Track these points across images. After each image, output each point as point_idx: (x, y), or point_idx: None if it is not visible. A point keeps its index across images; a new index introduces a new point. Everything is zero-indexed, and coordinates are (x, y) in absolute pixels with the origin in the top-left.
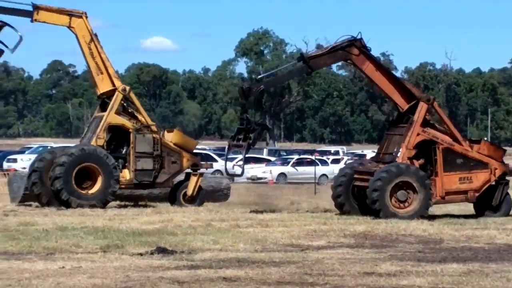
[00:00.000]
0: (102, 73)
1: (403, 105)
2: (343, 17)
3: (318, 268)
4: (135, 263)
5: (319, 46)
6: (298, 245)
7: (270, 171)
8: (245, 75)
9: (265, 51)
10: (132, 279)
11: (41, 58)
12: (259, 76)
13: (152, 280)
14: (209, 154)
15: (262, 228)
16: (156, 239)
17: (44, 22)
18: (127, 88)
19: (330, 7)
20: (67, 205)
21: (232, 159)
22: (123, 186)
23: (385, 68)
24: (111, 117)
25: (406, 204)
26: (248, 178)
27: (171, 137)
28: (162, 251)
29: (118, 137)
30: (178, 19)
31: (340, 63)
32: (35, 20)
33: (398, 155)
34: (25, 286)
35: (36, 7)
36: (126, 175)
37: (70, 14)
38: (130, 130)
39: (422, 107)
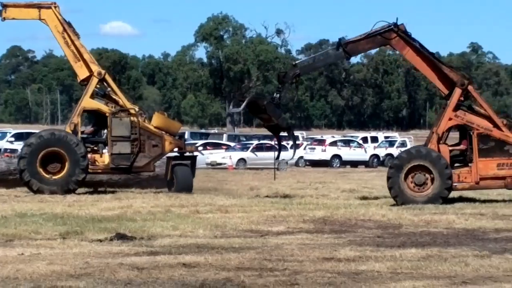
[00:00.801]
0: (79, 60)
1: (444, 90)
2: (302, 1)
3: (277, 254)
4: (95, 249)
5: (278, 31)
6: (257, 230)
7: (230, 156)
8: (205, 60)
9: (225, 36)
10: (91, 265)
11: (0, 43)
12: (296, 62)
13: (112, 266)
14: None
15: (221, 214)
16: (116, 225)
17: (13, 19)
18: (102, 71)
19: None
20: (28, 186)
21: (192, 145)
22: (100, 171)
23: (425, 53)
24: (86, 101)
25: (424, 188)
26: (207, 164)
27: (152, 120)
28: (121, 237)
29: (100, 121)
30: (137, 4)
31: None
32: (4, 18)
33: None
34: None
35: (4, 5)
36: (105, 159)
37: (39, 6)
38: (107, 114)
39: (455, 92)
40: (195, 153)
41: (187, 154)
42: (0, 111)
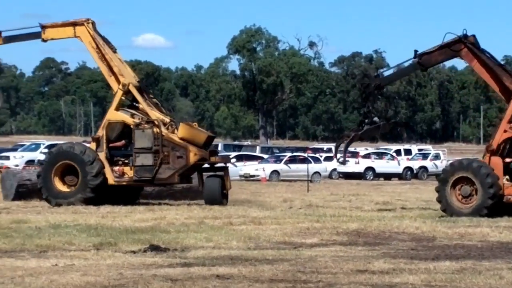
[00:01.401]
0: (112, 73)
1: (506, 102)
2: (335, 14)
3: (311, 266)
4: (128, 260)
5: (311, 44)
6: (291, 242)
7: (263, 168)
8: (238, 72)
9: (258, 48)
10: (125, 276)
11: (33, 55)
12: (377, 73)
13: (145, 277)
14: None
15: (255, 225)
16: (149, 237)
17: (52, 39)
18: (126, 83)
19: (322, 4)
20: (48, 202)
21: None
22: (124, 183)
23: (490, 65)
24: (110, 114)
25: (470, 199)
26: (241, 176)
27: (178, 131)
28: (155, 248)
29: (129, 134)
30: (170, 16)
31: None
32: (44, 39)
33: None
34: (18, 283)
35: (42, 27)
36: (128, 172)
37: (74, 24)
38: (132, 126)
39: (511, 104)
40: (228, 165)
41: (218, 165)
42: (34, 123)
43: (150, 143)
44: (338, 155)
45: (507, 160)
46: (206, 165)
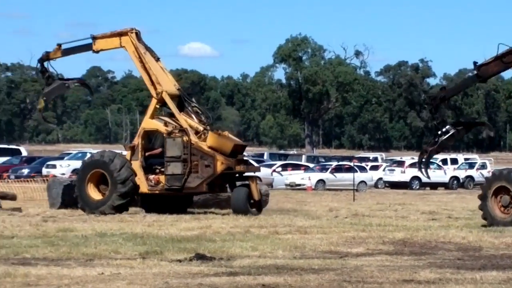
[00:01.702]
0: (151, 83)
1: None
2: (381, 23)
3: (357, 275)
4: (174, 269)
5: (357, 53)
6: (336, 252)
7: (309, 177)
8: (284, 81)
9: (304, 57)
10: (170, 285)
11: (80, 64)
12: (443, 86)
13: (191, 286)
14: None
15: (301, 235)
16: (195, 246)
17: (102, 50)
18: (160, 91)
19: (368, 14)
20: (83, 211)
21: (270, 166)
22: (157, 192)
23: None
24: (145, 122)
25: (510, 209)
26: (286, 185)
27: (207, 140)
28: (201, 257)
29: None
30: (217, 25)
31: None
32: (94, 51)
33: None
34: None
35: (93, 38)
36: (163, 180)
37: (120, 34)
38: (164, 135)
39: None
40: (257, 173)
41: (247, 174)
42: (80, 131)
43: (180, 152)
44: (422, 171)
45: None
46: (237, 175)
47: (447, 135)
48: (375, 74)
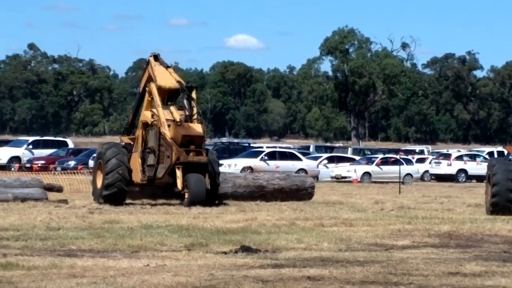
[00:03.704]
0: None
1: None
2: (428, 15)
3: (402, 268)
4: (219, 261)
5: (404, 45)
6: (382, 244)
7: (355, 170)
8: (330, 73)
9: (350, 50)
10: (216, 277)
11: (126, 56)
12: None
13: (236, 278)
14: (293, 153)
15: (346, 227)
16: (240, 238)
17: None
18: (151, 86)
19: (415, 5)
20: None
21: (316, 158)
22: (144, 182)
23: None
24: (142, 114)
25: None
26: (332, 177)
27: (170, 131)
28: (246, 249)
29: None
30: (262, 17)
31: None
32: None
33: None
34: (110, 283)
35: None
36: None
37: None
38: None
39: None
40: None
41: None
42: (126, 123)
43: (154, 143)
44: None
45: None
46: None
47: None
48: (421, 66)
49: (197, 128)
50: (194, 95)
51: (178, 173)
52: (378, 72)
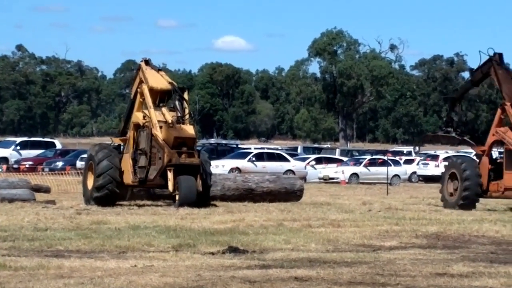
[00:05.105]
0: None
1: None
2: (416, 17)
3: (389, 269)
4: (207, 262)
5: (392, 47)
6: (369, 245)
7: (343, 171)
8: (318, 75)
9: (339, 51)
10: (203, 278)
11: (115, 58)
12: (456, 88)
13: (224, 279)
14: (281, 154)
15: (334, 228)
16: (228, 239)
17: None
18: (143, 88)
19: (403, 7)
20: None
21: (304, 159)
22: (136, 184)
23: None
24: (133, 115)
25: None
26: (320, 178)
27: (162, 132)
28: (233, 250)
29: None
30: (251, 18)
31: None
32: None
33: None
34: (98, 284)
35: None
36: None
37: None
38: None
39: (498, 110)
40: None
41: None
42: (115, 125)
43: (145, 144)
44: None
45: None
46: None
47: (446, 135)
48: (410, 68)
49: (189, 129)
50: (186, 96)
51: (170, 175)
52: (366, 74)
